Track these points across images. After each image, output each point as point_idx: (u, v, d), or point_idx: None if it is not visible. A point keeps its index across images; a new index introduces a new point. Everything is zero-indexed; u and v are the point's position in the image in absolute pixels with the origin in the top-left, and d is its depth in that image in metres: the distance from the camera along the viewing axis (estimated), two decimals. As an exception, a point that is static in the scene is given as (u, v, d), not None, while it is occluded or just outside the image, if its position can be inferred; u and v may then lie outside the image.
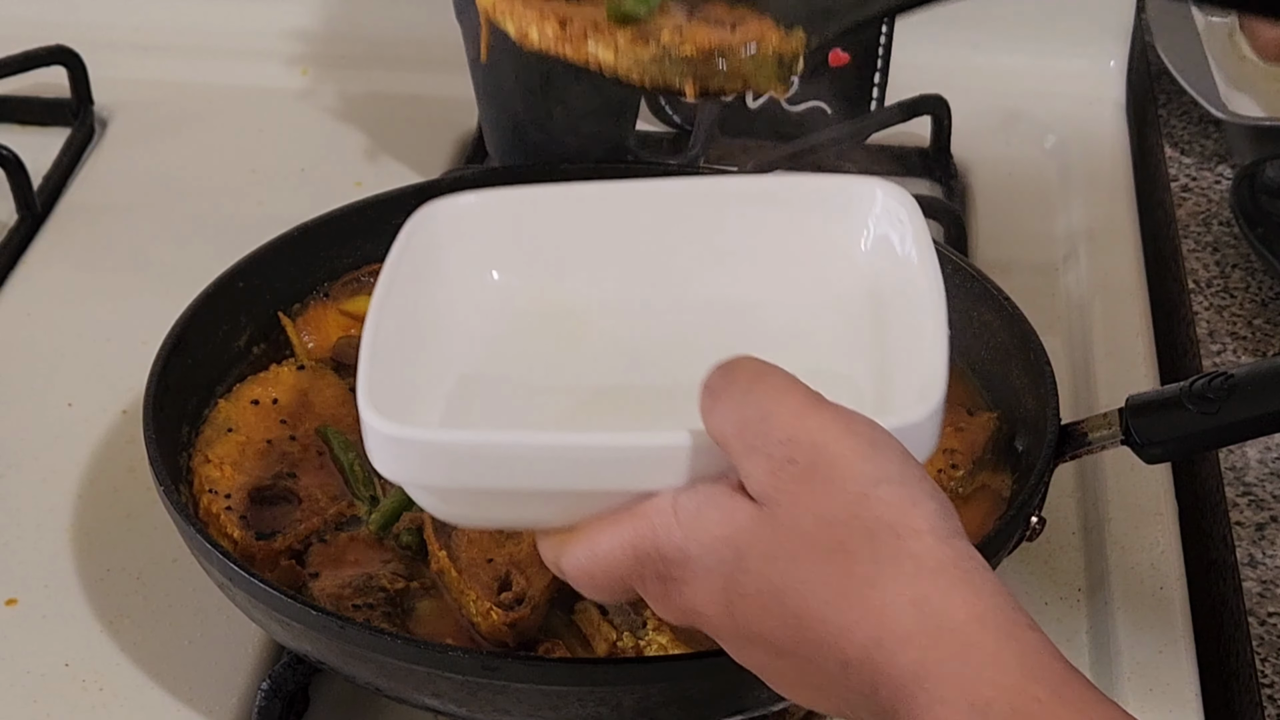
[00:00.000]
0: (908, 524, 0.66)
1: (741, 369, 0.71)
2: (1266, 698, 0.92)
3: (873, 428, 0.69)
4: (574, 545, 0.74)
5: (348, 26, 1.50)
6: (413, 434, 0.74)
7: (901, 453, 0.69)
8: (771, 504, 0.68)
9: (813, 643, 0.67)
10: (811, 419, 0.68)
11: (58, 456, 1.08)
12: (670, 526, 0.70)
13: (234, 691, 0.93)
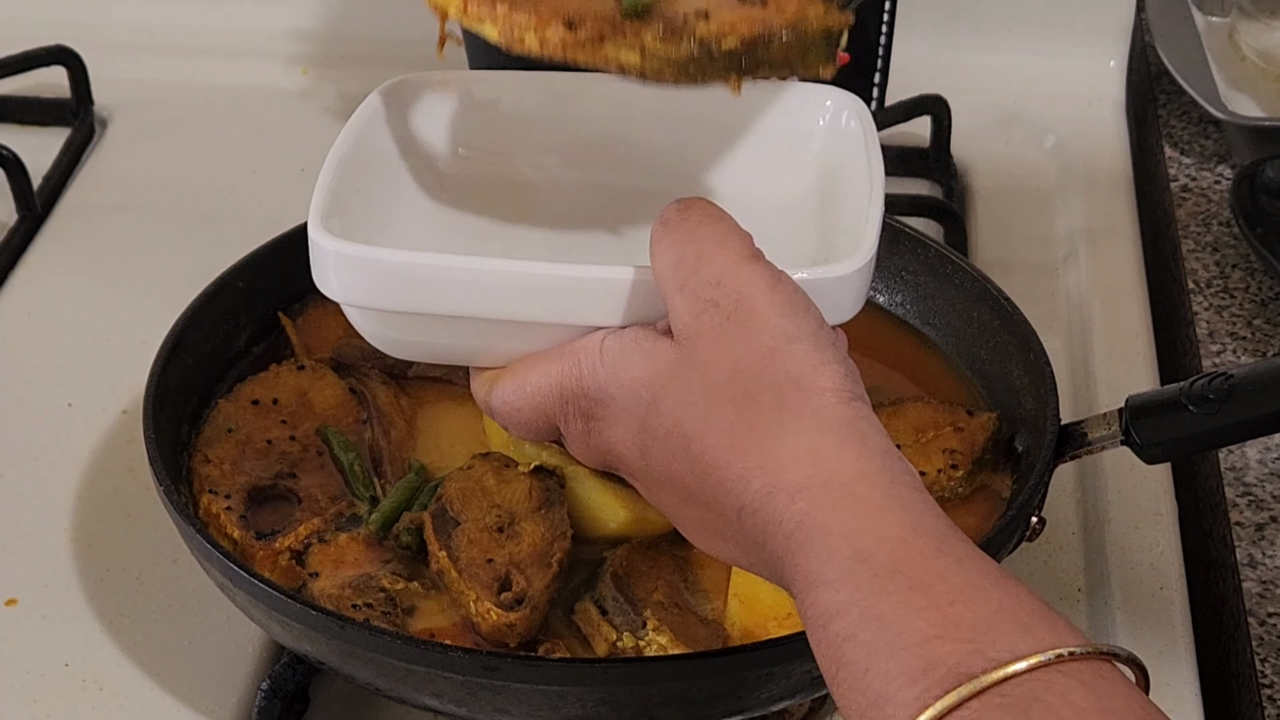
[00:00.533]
0: (814, 381, 0.69)
1: (696, 208, 0.74)
2: (1266, 698, 0.92)
3: (797, 290, 0.72)
4: (504, 380, 0.77)
5: (348, 26, 1.50)
6: (357, 251, 0.76)
7: (819, 318, 0.72)
8: (689, 344, 0.71)
9: (714, 488, 0.69)
10: (743, 269, 0.71)
11: (58, 456, 1.08)
12: (596, 366, 0.74)
13: (234, 691, 0.93)
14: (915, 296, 1.06)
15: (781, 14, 0.82)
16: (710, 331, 0.70)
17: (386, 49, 1.47)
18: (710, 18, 0.81)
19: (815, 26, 0.82)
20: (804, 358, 0.70)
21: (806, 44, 0.82)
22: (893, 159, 1.33)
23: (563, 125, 0.93)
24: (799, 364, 0.69)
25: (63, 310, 1.20)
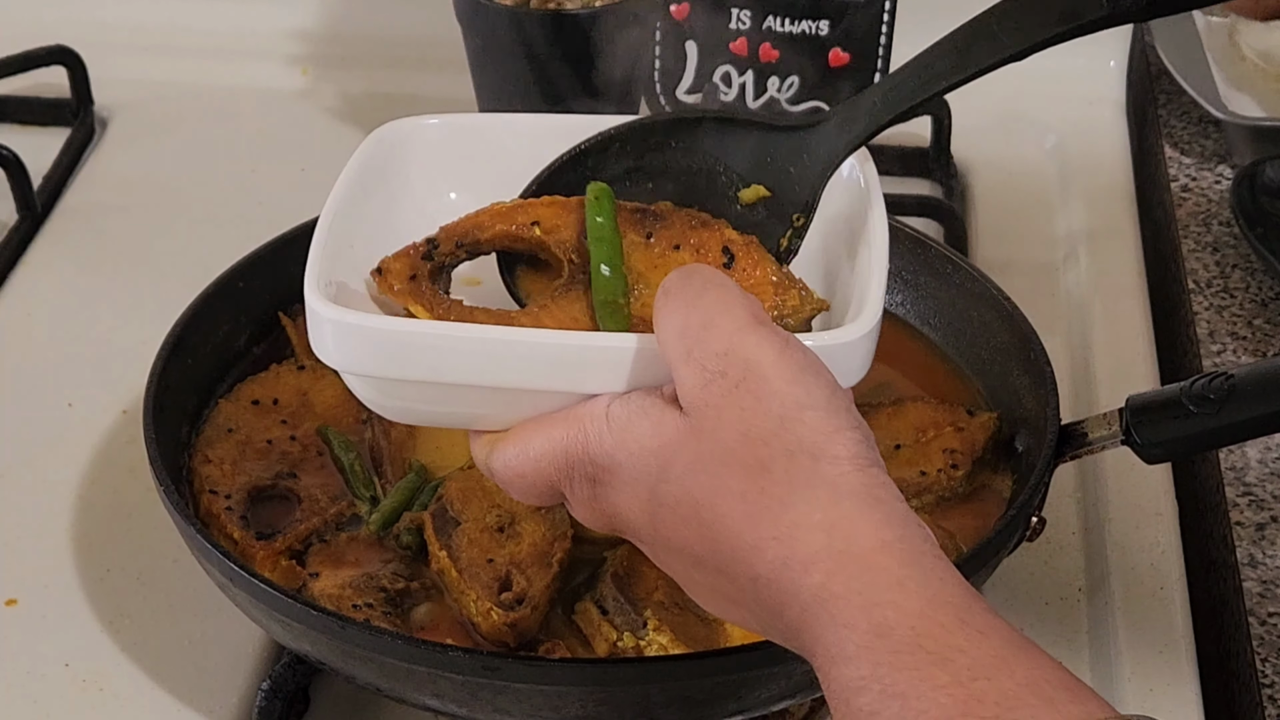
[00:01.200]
0: (827, 449, 0.67)
1: (698, 274, 0.73)
2: (1267, 698, 0.92)
3: (806, 354, 0.70)
4: (506, 444, 0.75)
5: (348, 26, 1.50)
6: (354, 319, 0.75)
7: (831, 381, 0.70)
8: (699, 415, 0.69)
9: (726, 556, 0.68)
10: (749, 336, 0.69)
11: (58, 457, 1.08)
12: (602, 433, 0.72)
13: (234, 691, 0.93)
14: (915, 296, 1.06)
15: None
16: (719, 401, 0.69)
17: (386, 49, 1.47)
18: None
19: (797, 322, 0.81)
20: (816, 425, 0.68)
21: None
22: (893, 159, 1.34)
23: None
24: (811, 432, 0.68)
25: (63, 310, 1.20)
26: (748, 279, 0.82)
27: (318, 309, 0.75)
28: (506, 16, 1.21)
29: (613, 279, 0.80)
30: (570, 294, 0.81)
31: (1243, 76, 1.38)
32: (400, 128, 0.89)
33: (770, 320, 0.71)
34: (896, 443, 0.97)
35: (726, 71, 1.36)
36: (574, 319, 0.80)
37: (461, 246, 0.83)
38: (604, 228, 0.82)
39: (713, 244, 0.83)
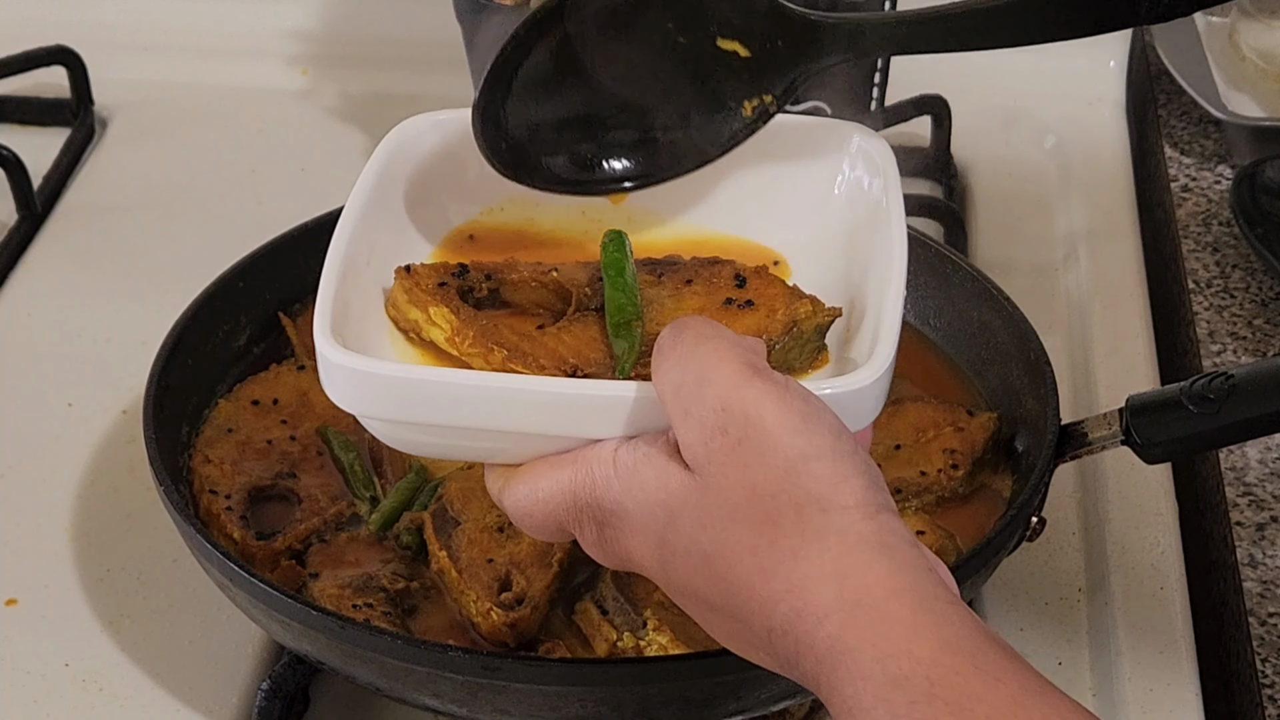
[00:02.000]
0: (835, 499, 0.67)
1: (689, 329, 0.72)
2: (1267, 698, 0.92)
3: (806, 401, 0.69)
4: (517, 482, 0.76)
5: (348, 26, 1.50)
6: (366, 366, 0.75)
7: (835, 427, 0.69)
8: (702, 471, 0.69)
9: (740, 606, 0.68)
10: (747, 389, 0.69)
11: (58, 456, 1.08)
12: (610, 478, 0.72)
13: (234, 691, 0.93)
14: (915, 296, 1.06)
15: (772, 315, 0.82)
16: (722, 458, 0.68)
17: (386, 49, 1.47)
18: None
19: (809, 328, 0.81)
20: (822, 475, 0.67)
21: (803, 344, 0.82)
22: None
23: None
24: (818, 482, 0.67)
25: (63, 310, 1.20)
26: (759, 295, 0.82)
27: (329, 354, 0.75)
28: (506, 16, 1.21)
29: (625, 305, 0.81)
30: (585, 318, 0.82)
31: (1243, 76, 1.38)
32: (413, 126, 0.89)
33: (766, 368, 0.70)
34: (896, 443, 0.97)
35: (726, 71, 1.36)
36: (591, 338, 0.81)
37: (490, 279, 0.84)
38: (619, 263, 0.83)
39: (724, 274, 0.84)
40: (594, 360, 0.80)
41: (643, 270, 0.84)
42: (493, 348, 0.80)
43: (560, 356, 0.80)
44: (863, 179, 0.87)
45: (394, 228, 0.87)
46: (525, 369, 0.79)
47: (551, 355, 0.80)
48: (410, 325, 0.82)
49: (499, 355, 0.80)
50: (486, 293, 0.84)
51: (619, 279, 0.82)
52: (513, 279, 0.84)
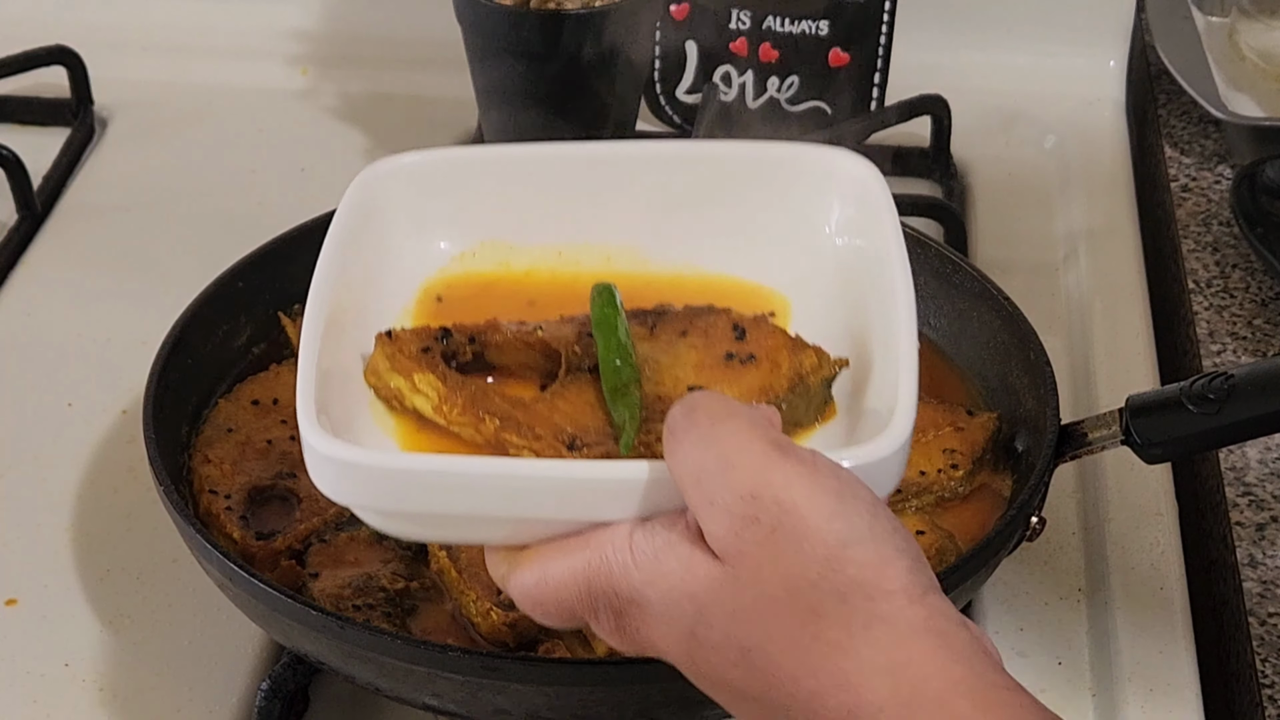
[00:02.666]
0: (879, 585, 0.64)
1: (702, 409, 0.68)
2: (1267, 698, 0.92)
3: (839, 478, 0.66)
4: (524, 568, 0.71)
5: (348, 26, 1.50)
6: (360, 458, 0.71)
7: (871, 503, 0.66)
8: (734, 562, 0.65)
9: (782, 700, 0.65)
10: (775, 472, 0.65)
11: (58, 456, 1.08)
12: (627, 566, 0.68)
13: (234, 691, 0.93)
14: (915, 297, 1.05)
15: (775, 369, 0.79)
16: (754, 549, 0.64)
17: (386, 49, 1.47)
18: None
19: (816, 382, 0.78)
20: (864, 560, 0.64)
21: (810, 399, 0.79)
22: (893, 159, 1.34)
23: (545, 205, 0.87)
24: (860, 568, 0.64)
25: (63, 310, 1.20)
26: (761, 348, 0.80)
27: (318, 445, 0.71)
28: (506, 16, 1.21)
29: (621, 367, 0.77)
30: (578, 381, 0.79)
31: (1243, 76, 1.38)
32: (379, 171, 0.86)
33: (790, 445, 0.66)
34: (896, 443, 0.97)
35: (726, 71, 1.36)
36: (588, 404, 0.78)
37: (474, 343, 0.81)
38: (610, 319, 0.80)
39: (720, 325, 0.81)
40: (593, 428, 0.76)
41: (633, 322, 0.81)
42: (484, 417, 0.77)
43: (557, 426, 0.77)
44: (854, 211, 0.84)
45: (365, 286, 0.83)
46: (520, 439, 0.76)
47: (547, 424, 0.77)
48: (392, 393, 0.79)
49: (491, 425, 0.77)
50: (471, 356, 0.81)
51: (611, 338, 0.79)
52: (496, 340, 0.81)
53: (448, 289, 0.86)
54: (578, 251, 0.87)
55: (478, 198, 0.87)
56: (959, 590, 0.85)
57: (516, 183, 0.87)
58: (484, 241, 0.87)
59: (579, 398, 0.78)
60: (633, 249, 0.87)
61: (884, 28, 1.34)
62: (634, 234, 0.87)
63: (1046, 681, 0.93)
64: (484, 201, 0.87)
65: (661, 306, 0.83)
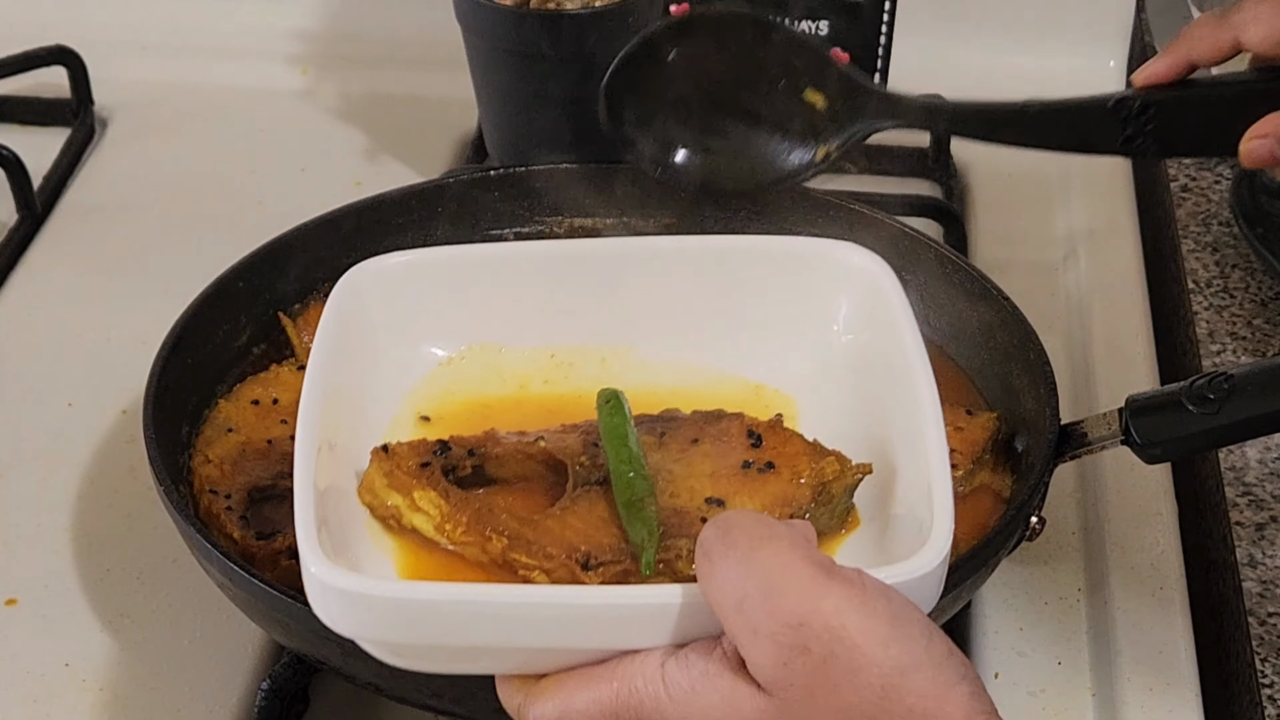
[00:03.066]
0: (941, 713, 0.61)
1: (740, 530, 0.64)
2: (1266, 698, 0.92)
3: (889, 600, 0.63)
4: (543, 699, 0.68)
5: (348, 26, 1.50)
6: (368, 589, 0.67)
7: (924, 626, 0.63)
8: (782, 694, 0.62)
9: None
10: (824, 599, 0.61)
11: (58, 456, 1.08)
12: (660, 700, 0.65)
13: (234, 691, 0.93)
14: (915, 297, 1.05)
15: (796, 477, 0.76)
16: (806, 681, 0.61)
17: (386, 49, 1.47)
18: (726, 505, 0.75)
19: (839, 490, 0.76)
20: (923, 690, 0.61)
21: (833, 508, 0.76)
22: (893, 159, 1.34)
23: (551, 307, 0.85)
24: (920, 698, 0.61)
25: (63, 310, 1.20)
26: (779, 455, 0.77)
27: (320, 574, 0.68)
28: (506, 16, 1.21)
29: (634, 479, 0.75)
30: (588, 495, 0.76)
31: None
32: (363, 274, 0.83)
33: (835, 565, 0.63)
34: (896, 443, 0.97)
35: (726, 71, 1.36)
36: (601, 519, 0.74)
37: (473, 455, 0.78)
38: (619, 428, 0.77)
39: (734, 430, 0.79)
40: (607, 545, 0.73)
41: (640, 430, 0.78)
42: (490, 535, 0.74)
43: (569, 544, 0.73)
44: (863, 307, 0.83)
45: (355, 397, 0.80)
46: (531, 559, 0.73)
47: (559, 542, 0.74)
48: (389, 512, 0.76)
49: (498, 544, 0.74)
50: (470, 470, 0.78)
51: (623, 449, 0.76)
52: (496, 453, 0.78)
53: (437, 398, 0.83)
54: (571, 354, 0.85)
55: (465, 299, 0.84)
56: (958, 590, 0.85)
57: (505, 282, 0.85)
58: (472, 345, 0.85)
59: (590, 513, 0.75)
60: (629, 350, 0.85)
61: (884, 28, 1.34)
62: (629, 334, 0.85)
63: (1046, 681, 0.93)
64: (471, 303, 0.84)
65: (669, 413, 0.80)
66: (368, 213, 1.07)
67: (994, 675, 0.93)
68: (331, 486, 0.74)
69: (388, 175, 1.32)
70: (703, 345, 0.85)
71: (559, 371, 0.85)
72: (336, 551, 0.71)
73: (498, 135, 1.28)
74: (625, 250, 0.88)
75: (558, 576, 0.73)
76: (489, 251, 0.88)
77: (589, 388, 0.83)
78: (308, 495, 0.71)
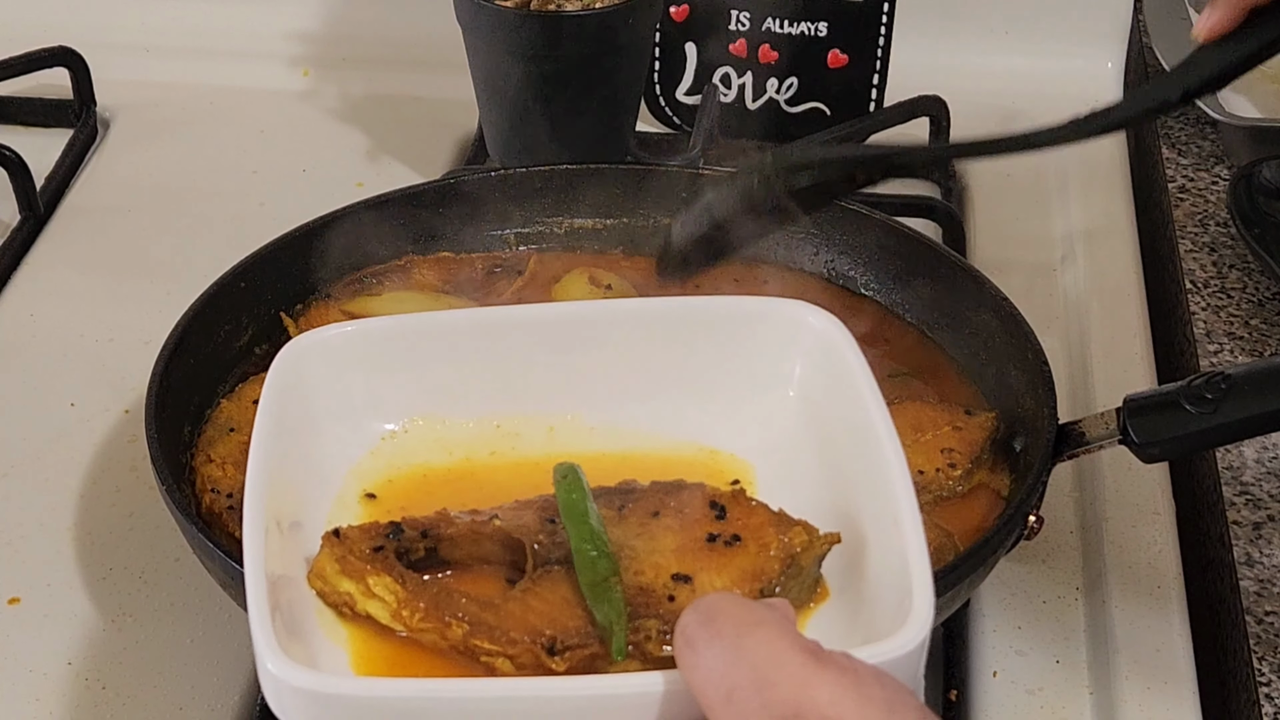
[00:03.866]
0: None
1: (724, 616, 0.62)
2: (1264, 696, 0.92)
3: (883, 685, 0.60)
4: None
5: (348, 27, 1.51)
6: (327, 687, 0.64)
7: (918, 710, 0.61)
8: None
9: None
10: (818, 688, 0.59)
11: (60, 456, 1.08)
12: None
13: (236, 690, 0.93)
14: (913, 296, 1.06)
15: (763, 550, 0.74)
16: None
17: (386, 49, 1.48)
18: (694, 582, 0.73)
19: (808, 560, 0.74)
20: None
21: (802, 580, 0.74)
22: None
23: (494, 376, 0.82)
24: None
25: (65, 310, 1.21)
26: (745, 527, 0.75)
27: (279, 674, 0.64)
28: (507, 18, 1.21)
29: (598, 558, 0.72)
30: (550, 576, 0.73)
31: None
32: (299, 348, 0.81)
33: (824, 650, 0.61)
34: (895, 442, 0.97)
35: (726, 73, 1.36)
36: (564, 600, 0.72)
37: (427, 537, 0.75)
38: (579, 504, 0.75)
39: (696, 502, 0.76)
40: (573, 628, 0.71)
41: (599, 503, 0.75)
42: (450, 621, 0.71)
43: (533, 628, 0.71)
44: (819, 369, 0.81)
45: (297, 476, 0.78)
46: (493, 644, 0.71)
47: (522, 626, 0.71)
48: (341, 598, 0.73)
49: (458, 630, 0.71)
50: (424, 552, 0.75)
51: (583, 526, 0.73)
52: (450, 534, 0.75)
53: (381, 473, 0.81)
54: (517, 423, 0.83)
55: (405, 370, 0.82)
56: (957, 589, 0.85)
57: (447, 352, 0.83)
58: (415, 418, 0.83)
59: (553, 594, 0.72)
60: (576, 418, 0.83)
61: (883, 29, 1.34)
62: (577, 401, 0.83)
63: (1045, 680, 0.93)
64: (413, 375, 0.83)
65: (627, 484, 0.78)
66: (368, 213, 1.08)
67: (992, 674, 0.94)
68: (281, 572, 0.72)
69: (388, 175, 1.33)
70: (653, 410, 0.83)
71: (505, 442, 0.83)
72: (290, 639, 0.68)
73: (498, 135, 1.29)
74: (571, 314, 0.85)
75: (522, 662, 0.71)
76: (430, 321, 0.86)
77: (537, 457, 0.81)
78: (259, 584, 0.68)
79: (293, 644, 0.67)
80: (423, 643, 0.72)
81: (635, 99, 1.30)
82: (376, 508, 0.80)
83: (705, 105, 1.34)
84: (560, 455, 0.80)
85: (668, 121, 1.40)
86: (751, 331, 0.83)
